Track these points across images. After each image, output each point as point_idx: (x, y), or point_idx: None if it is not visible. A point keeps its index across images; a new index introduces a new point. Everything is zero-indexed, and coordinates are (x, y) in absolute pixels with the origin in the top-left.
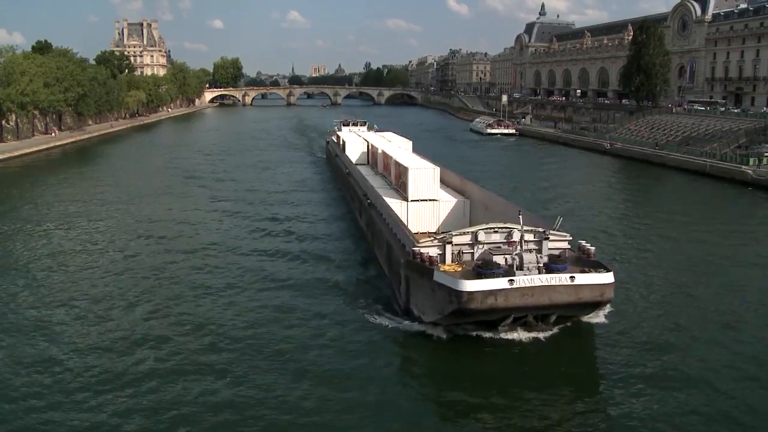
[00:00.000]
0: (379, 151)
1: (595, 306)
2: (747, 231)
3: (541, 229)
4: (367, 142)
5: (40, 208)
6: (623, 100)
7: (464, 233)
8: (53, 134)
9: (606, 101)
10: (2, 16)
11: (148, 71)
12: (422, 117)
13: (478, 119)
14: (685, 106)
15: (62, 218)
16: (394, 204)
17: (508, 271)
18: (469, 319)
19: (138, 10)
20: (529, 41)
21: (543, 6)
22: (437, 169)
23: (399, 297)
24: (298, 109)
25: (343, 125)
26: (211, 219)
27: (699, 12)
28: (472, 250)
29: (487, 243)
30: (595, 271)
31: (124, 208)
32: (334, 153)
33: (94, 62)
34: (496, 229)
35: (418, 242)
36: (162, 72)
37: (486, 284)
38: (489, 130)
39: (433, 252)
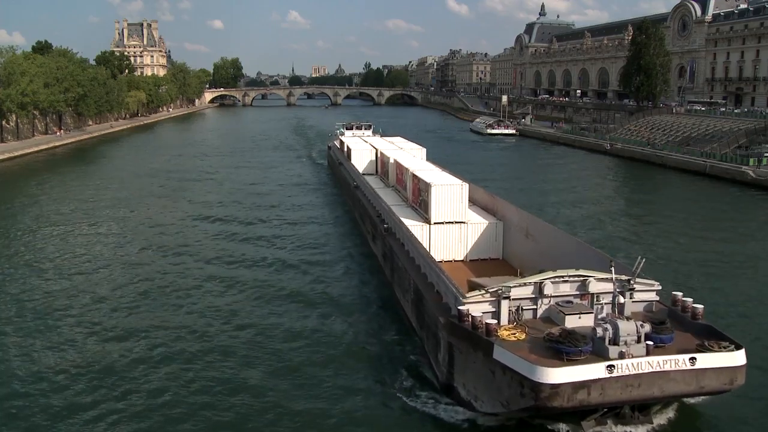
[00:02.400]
0: (391, 160)
1: (717, 394)
2: None
3: (624, 277)
4: (376, 150)
5: (38, 208)
6: (624, 101)
7: (525, 284)
8: (59, 134)
9: (606, 101)
10: (2, 17)
11: (148, 72)
12: (422, 117)
13: (478, 119)
14: (686, 107)
15: (61, 219)
16: (414, 227)
17: (598, 347)
18: (546, 414)
19: (138, 11)
20: (529, 41)
21: (543, 6)
22: (465, 186)
23: (436, 367)
24: (298, 110)
25: (347, 129)
26: (197, 241)
27: (699, 12)
28: (534, 306)
29: (554, 296)
30: (719, 347)
31: (121, 210)
32: (337, 160)
33: (94, 63)
34: (566, 278)
35: (465, 296)
36: (162, 72)
37: (575, 373)
38: (489, 131)
39: (485, 309)
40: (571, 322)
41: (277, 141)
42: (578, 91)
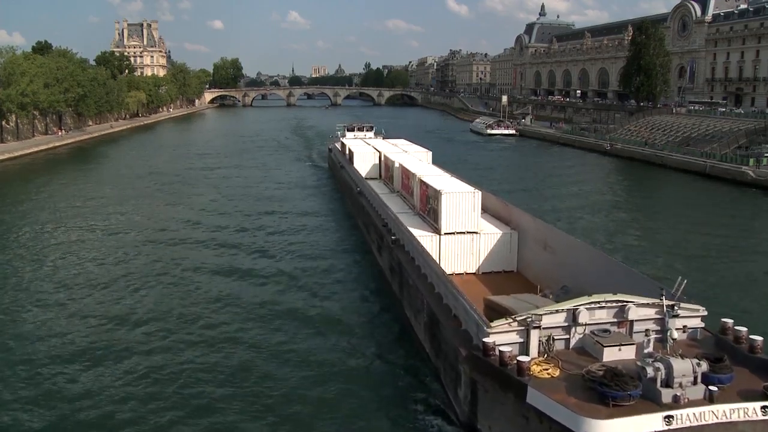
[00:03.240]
0: (396, 164)
1: None
2: None
3: (667, 302)
4: (379, 153)
5: (36, 208)
6: (625, 101)
7: (558, 311)
8: (61, 134)
9: (606, 101)
10: (2, 17)
11: (148, 72)
12: (422, 118)
13: (478, 120)
14: (687, 107)
15: (60, 219)
16: (423, 238)
17: (648, 390)
18: None
19: (138, 11)
20: (529, 42)
21: (543, 6)
22: (478, 194)
23: (456, 403)
24: (297, 110)
25: (348, 130)
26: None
27: (699, 12)
28: (567, 335)
29: (589, 324)
30: None
31: (118, 210)
32: (339, 163)
33: (94, 63)
34: (603, 303)
35: (490, 325)
36: (162, 73)
37: (627, 426)
38: (489, 131)
39: (512, 339)
40: (611, 355)
41: (277, 142)
42: (578, 92)
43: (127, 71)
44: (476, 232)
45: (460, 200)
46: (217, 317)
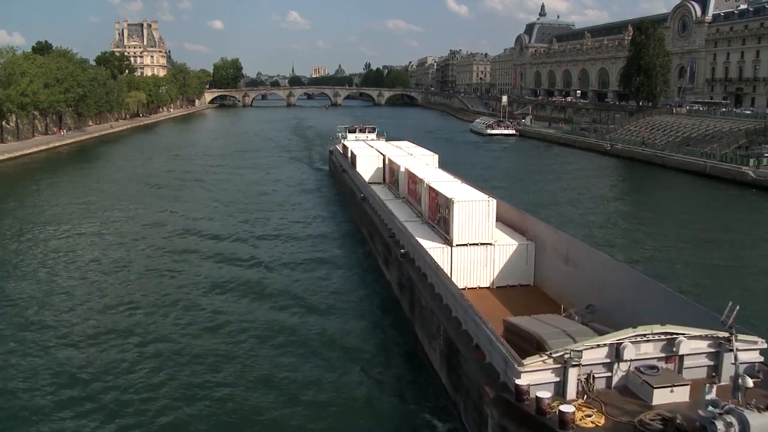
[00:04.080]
0: (402, 169)
1: None
2: None
3: (721, 334)
4: (383, 156)
5: (35, 209)
6: (625, 101)
7: (599, 345)
8: (64, 132)
9: (606, 101)
10: (2, 17)
11: (148, 72)
12: (422, 118)
13: (478, 120)
14: (687, 107)
15: (59, 219)
16: (434, 251)
17: None
18: None
19: (138, 11)
20: (530, 42)
21: (543, 7)
22: (492, 202)
23: None
24: (297, 110)
25: (349, 132)
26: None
27: (699, 13)
28: (608, 372)
29: (634, 359)
30: None
31: (116, 211)
32: (340, 167)
33: (94, 63)
34: (649, 336)
35: (522, 362)
36: (162, 73)
37: None
38: (489, 131)
39: (546, 378)
40: (661, 397)
41: (276, 143)
42: (578, 92)
43: (127, 71)
44: (491, 244)
45: (473, 209)
46: (212, 340)
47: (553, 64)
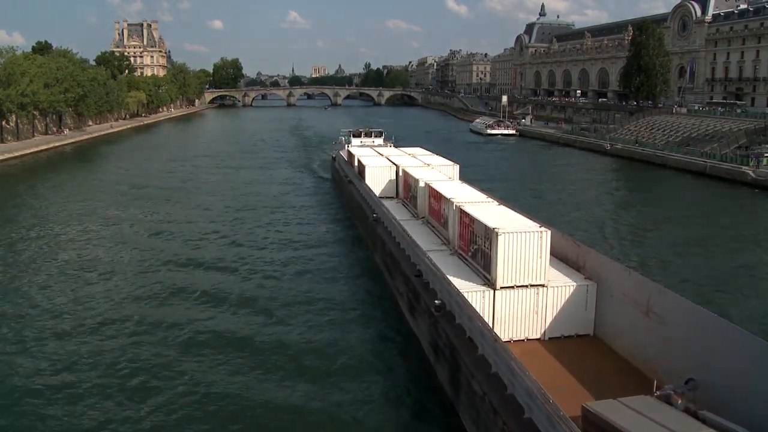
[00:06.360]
0: (421, 183)
1: None
2: None
3: None
4: (396, 167)
5: (35, 209)
6: (625, 101)
7: None
8: (65, 132)
9: (606, 101)
10: (2, 17)
11: (148, 72)
12: (422, 117)
13: (478, 120)
14: (688, 107)
15: (59, 219)
16: (472, 294)
17: None
18: None
19: (138, 11)
20: (529, 42)
21: (543, 6)
22: (547, 234)
23: None
24: (298, 110)
25: (354, 136)
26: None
27: (699, 12)
28: None
29: None
30: None
31: (114, 211)
32: (346, 177)
33: (94, 63)
34: None
35: None
36: (162, 73)
37: None
38: (489, 131)
39: None
40: None
41: (276, 145)
42: (578, 91)
43: (127, 71)
44: (543, 285)
45: (523, 242)
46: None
47: (553, 64)
